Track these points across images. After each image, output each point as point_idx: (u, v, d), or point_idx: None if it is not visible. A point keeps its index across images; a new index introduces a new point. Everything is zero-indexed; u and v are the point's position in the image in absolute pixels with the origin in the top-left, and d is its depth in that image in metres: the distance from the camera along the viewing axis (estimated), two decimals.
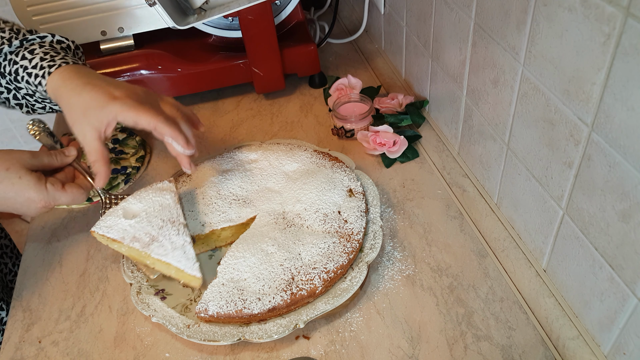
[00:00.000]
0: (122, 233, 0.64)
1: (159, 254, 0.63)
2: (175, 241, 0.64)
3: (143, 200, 0.67)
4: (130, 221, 0.65)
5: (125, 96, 0.61)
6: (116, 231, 0.65)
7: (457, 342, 0.60)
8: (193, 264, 0.63)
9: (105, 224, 0.65)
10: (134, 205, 0.67)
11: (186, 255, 0.63)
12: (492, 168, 0.71)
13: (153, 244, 0.64)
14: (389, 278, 0.68)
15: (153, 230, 0.64)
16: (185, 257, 0.63)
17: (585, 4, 0.45)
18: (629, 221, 0.46)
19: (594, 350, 0.56)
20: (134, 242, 0.64)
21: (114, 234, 0.64)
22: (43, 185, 0.63)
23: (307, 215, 0.69)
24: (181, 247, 0.64)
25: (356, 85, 0.96)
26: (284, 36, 1.01)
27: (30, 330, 0.67)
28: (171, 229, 0.65)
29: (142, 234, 0.64)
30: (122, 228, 0.65)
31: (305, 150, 0.79)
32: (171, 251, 0.63)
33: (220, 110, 1.01)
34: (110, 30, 0.91)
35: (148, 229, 0.64)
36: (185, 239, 0.64)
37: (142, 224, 0.65)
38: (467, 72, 0.71)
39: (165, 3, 0.82)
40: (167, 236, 0.64)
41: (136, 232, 0.64)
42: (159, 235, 0.64)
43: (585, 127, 0.49)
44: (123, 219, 0.65)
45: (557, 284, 0.61)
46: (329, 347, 0.61)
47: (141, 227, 0.64)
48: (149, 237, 0.64)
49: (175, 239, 0.64)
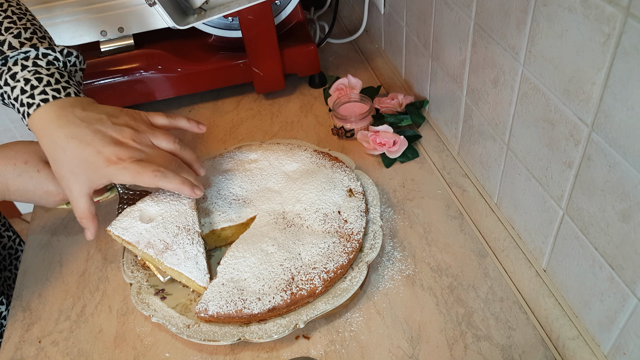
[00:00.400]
0: (137, 237, 0.65)
1: (171, 263, 0.64)
2: (188, 250, 0.64)
3: (160, 203, 0.67)
4: (146, 225, 0.65)
5: (117, 159, 0.57)
6: (131, 234, 0.65)
7: (457, 342, 0.60)
8: (204, 276, 0.63)
9: (121, 225, 0.65)
10: (151, 208, 0.67)
11: (198, 266, 0.64)
12: (492, 168, 0.71)
13: (167, 252, 0.64)
14: (389, 278, 0.68)
15: (168, 238, 0.64)
16: (197, 268, 0.63)
17: (585, 4, 0.45)
18: (629, 221, 0.46)
19: (594, 350, 0.56)
20: (149, 248, 0.64)
21: (129, 237, 0.65)
22: None
23: (307, 215, 0.69)
24: (194, 257, 0.64)
25: (356, 85, 0.96)
26: (284, 36, 1.01)
27: (30, 330, 0.67)
28: (186, 238, 0.65)
29: (156, 241, 0.64)
30: (137, 231, 0.65)
31: (305, 150, 0.79)
32: (184, 261, 0.64)
33: (220, 110, 1.01)
34: (110, 30, 0.91)
35: (163, 235, 0.65)
36: (199, 249, 0.64)
37: (157, 230, 0.65)
38: (467, 72, 0.71)
39: (165, 3, 0.82)
40: (181, 245, 0.64)
41: (151, 238, 0.64)
42: (173, 244, 0.64)
43: (585, 127, 0.49)
44: (139, 221, 0.66)
45: (557, 284, 0.61)
46: (329, 347, 0.61)
47: (156, 233, 0.65)
48: (163, 245, 0.64)
49: (189, 249, 0.64)
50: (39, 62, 0.62)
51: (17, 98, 0.60)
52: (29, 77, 0.60)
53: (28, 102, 0.59)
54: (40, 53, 0.62)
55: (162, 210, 0.67)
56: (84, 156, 0.57)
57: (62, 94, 0.60)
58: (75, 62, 0.66)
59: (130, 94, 0.96)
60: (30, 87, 0.60)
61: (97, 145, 0.57)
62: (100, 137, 0.58)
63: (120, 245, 0.76)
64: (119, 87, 0.94)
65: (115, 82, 0.93)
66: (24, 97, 0.59)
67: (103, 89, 0.93)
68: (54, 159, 0.59)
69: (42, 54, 0.62)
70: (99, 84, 0.93)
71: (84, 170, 0.58)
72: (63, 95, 0.60)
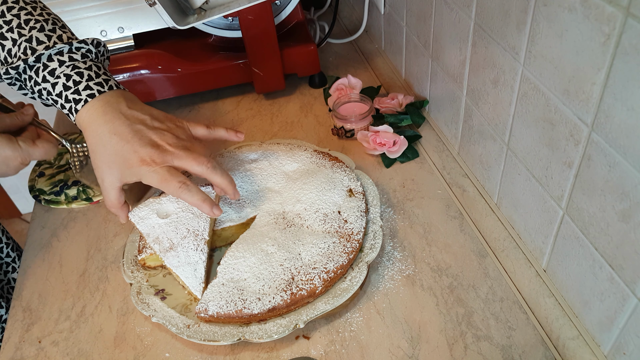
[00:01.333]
0: (148, 229, 0.66)
1: (171, 263, 0.64)
2: (191, 256, 0.64)
3: (181, 201, 0.68)
4: (160, 221, 0.66)
5: (151, 160, 0.59)
6: (145, 225, 0.66)
7: (457, 342, 0.60)
8: (199, 284, 0.63)
9: (140, 213, 0.67)
10: (170, 204, 0.68)
11: (196, 273, 0.64)
12: (492, 168, 0.71)
13: (170, 251, 0.64)
14: (389, 278, 0.68)
15: (175, 238, 0.65)
16: (194, 276, 0.64)
17: (585, 4, 0.45)
18: (629, 221, 0.46)
19: (594, 350, 0.56)
20: (155, 243, 0.65)
21: (142, 228, 0.66)
22: (16, 143, 0.64)
23: (307, 215, 0.69)
24: (194, 263, 0.64)
25: (356, 85, 0.96)
26: (284, 36, 1.01)
27: (30, 330, 0.67)
28: (192, 242, 0.65)
29: (164, 238, 0.65)
30: (151, 224, 0.66)
31: (305, 150, 0.79)
32: (184, 265, 0.64)
33: (220, 110, 1.01)
34: (110, 30, 0.91)
35: (172, 235, 0.65)
36: (201, 257, 0.64)
37: (169, 227, 0.66)
38: (467, 72, 0.71)
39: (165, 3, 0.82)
40: (186, 248, 0.65)
41: (160, 234, 0.65)
42: (178, 245, 0.65)
43: (585, 127, 0.49)
44: (156, 214, 0.67)
45: (557, 284, 0.61)
46: (329, 347, 0.61)
47: (167, 231, 0.66)
48: (169, 244, 0.65)
49: (192, 254, 0.64)
50: (74, 57, 0.62)
51: (60, 94, 0.61)
52: (68, 72, 0.61)
53: (74, 99, 0.60)
54: (74, 47, 0.62)
55: (180, 209, 0.68)
56: (121, 152, 0.59)
57: (105, 87, 0.62)
58: (104, 52, 0.67)
59: None
60: (73, 83, 0.61)
61: (135, 145, 0.59)
62: (139, 137, 0.60)
63: (121, 245, 0.76)
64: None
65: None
66: (69, 94, 0.61)
67: None
68: (94, 150, 0.61)
69: (75, 47, 0.62)
70: None
71: (119, 166, 0.60)
72: (107, 89, 0.62)
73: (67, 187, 0.84)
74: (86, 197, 0.83)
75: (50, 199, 0.83)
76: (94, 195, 0.83)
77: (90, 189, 0.83)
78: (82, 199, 0.82)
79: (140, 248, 0.69)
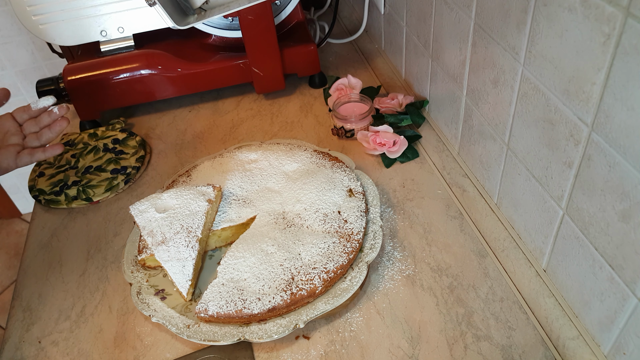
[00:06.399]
0: (145, 222, 0.67)
1: (161, 257, 0.64)
2: (181, 251, 0.64)
3: (179, 198, 0.69)
4: (157, 215, 0.67)
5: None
6: (143, 219, 0.68)
7: (457, 342, 0.60)
8: (185, 282, 0.64)
9: (140, 207, 0.69)
10: (170, 200, 0.69)
11: (183, 270, 0.64)
12: (492, 168, 0.71)
13: (162, 245, 0.65)
14: (389, 278, 0.68)
15: (168, 233, 0.66)
16: (182, 272, 0.64)
17: (585, 4, 0.45)
18: (629, 221, 0.46)
19: (594, 350, 0.56)
20: (149, 236, 0.66)
21: (140, 220, 0.68)
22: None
23: (307, 215, 0.69)
24: (183, 259, 0.64)
25: (356, 85, 0.96)
26: (284, 36, 1.01)
27: (30, 330, 0.67)
28: (184, 238, 0.65)
29: (158, 232, 0.66)
30: (148, 218, 0.67)
31: (305, 150, 0.79)
32: (173, 259, 0.64)
33: (220, 110, 1.01)
34: (110, 30, 0.91)
35: (165, 229, 0.66)
36: (191, 254, 0.65)
37: (164, 222, 0.67)
38: (467, 72, 0.71)
39: (165, 3, 0.82)
40: (177, 244, 0.65)
41: (155, 227, 0.66)
42: (170, 240, 0.65)
43: (585, 127, 0.49)
44: (154, 209, 0.68)
45: (557, 284, 0.61)
46: (329, 347, 0.61)
47: (161, 225, 0.66)
48: (162, 238, 0.65)
49: (182, 250, 0.65)
50: None
51: None
52: None
53: None
54: None
55: (178, 205, 0.68)
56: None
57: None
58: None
59: (130, 94, 0.96)
60: None
61: None
62: None
63: (121, 245, 0.76)
64: (119, 87, 0.94)
65: (115, 82, 0.93)
66: None
67: (103, 89, 0.93)
68: None
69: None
70: (99, 84, 0.93)
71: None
72: None
73: (67, 187, 0.84)
74: (86, 197, 0.83)
75: (50, 199, 0.83)
76: (94, 195, 0.83)
77: (90, 189, 0.83)
78: (82, 199, 0.82)
79: (140, 248, 0.69)
